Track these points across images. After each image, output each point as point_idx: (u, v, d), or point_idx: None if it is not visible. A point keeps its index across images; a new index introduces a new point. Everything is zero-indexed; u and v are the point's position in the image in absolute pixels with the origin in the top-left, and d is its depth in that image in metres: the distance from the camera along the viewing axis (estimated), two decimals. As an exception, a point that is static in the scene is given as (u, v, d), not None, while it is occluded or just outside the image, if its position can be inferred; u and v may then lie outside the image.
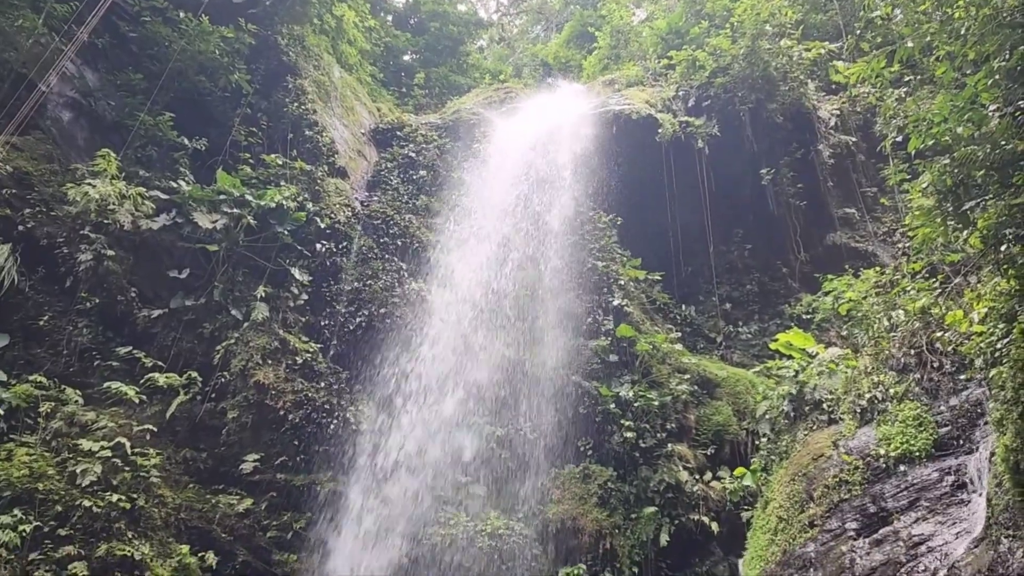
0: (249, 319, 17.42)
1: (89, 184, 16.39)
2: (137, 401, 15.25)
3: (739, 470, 18.47)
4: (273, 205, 18.72)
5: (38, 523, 12.26)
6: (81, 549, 12.51)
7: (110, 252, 16.35)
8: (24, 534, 11.99)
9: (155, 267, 17.46)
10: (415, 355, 19.55)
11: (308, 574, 16.03)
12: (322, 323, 19.13)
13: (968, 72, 10.92)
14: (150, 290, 17.26)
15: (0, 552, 11.62)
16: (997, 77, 9.80)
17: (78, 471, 13.03)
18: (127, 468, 13.79)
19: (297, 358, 17.74)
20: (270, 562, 15.79)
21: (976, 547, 11.33)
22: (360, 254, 20.50)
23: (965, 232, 10.77)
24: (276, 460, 16.65)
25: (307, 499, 16.65)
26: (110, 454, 13.56)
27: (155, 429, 15.08)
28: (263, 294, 17.91)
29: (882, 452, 14.10)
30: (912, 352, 14.99)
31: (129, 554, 12.91)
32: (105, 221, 16.45)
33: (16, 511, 12.16)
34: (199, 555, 14.64)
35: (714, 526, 18.20)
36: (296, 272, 18.73)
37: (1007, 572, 9.98)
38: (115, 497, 13.11)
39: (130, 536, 13.33)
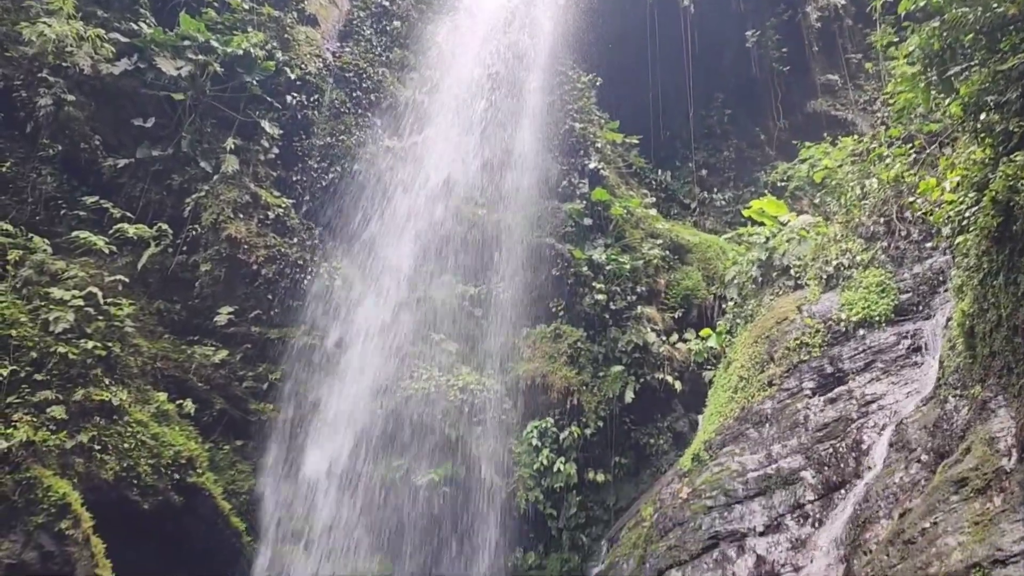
0: (219, 172, 17.07)
1: (44, 23, 15.52)
2: (107, 252, 15.08)
3: (705, 332, 19.01)
4: (240, 52, 17.94)
5: (14, 368, 12.33)
6: (58, 394, 12.66)
7: (70, 97, 15.71)
8: (0, 378, 12.10)
9: (118, 114, 16.84)
10: (388, 213, 19.45)
11: (283, 423, 16.52)
12: (294, 178, 18.82)
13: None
14: (114, 139, 16.73)
15: (-23, 395, 11.77)
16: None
17: (51, 319, 13.00)
18: (100, 317, 13.79)
19: (269, 213, 17.55)
20: (247, 411, 16.22)
21: (924, 405, 11.93)
22: (332, 108, 19.93)
23: (947, 100, 10.68)
24: (250, 313, 16.79)
25: (282, 352, 16.93)
26: (82, 303, 13.50)
27: (127, 280, 14.99)
28: (232, 146, 17.46)
29: (843, 316, 14.54)
30: (882, 220, 15.20)
31: (107, 399, 13.12)
32: (64, 64, 15.70)
33: (-9, 357, 12.23)
34: (177, 403, 14.96)
35: (677, 385, 18.92)
36: (266, 125, 18.22)
37: (951, 428, 10.55)
38: (90, 344, 13.17)
39: (107, 383, 13.49)
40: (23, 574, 11.28)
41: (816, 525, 12.39)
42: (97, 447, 12.83)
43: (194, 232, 16.69)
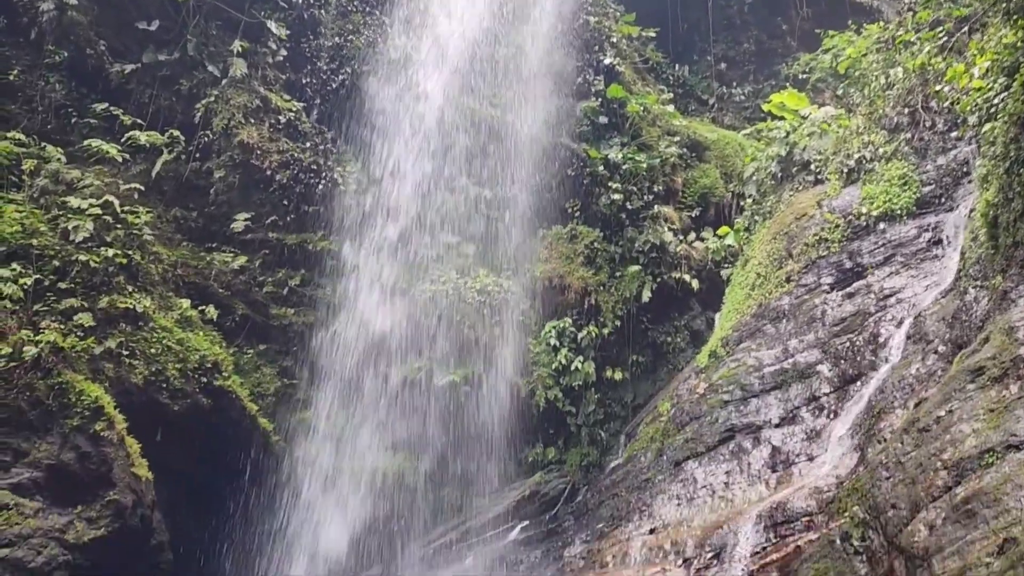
0: (227, 76, 16.78)
1: (39, -77, 15.04)
2: (120, 160, 15.03)
3: (723, 229, 18.85)
4: (242, -51, 17.34)
5: (38, 276, 12.51)
6: (83, 302, 12.87)
7: (72, 1, 15.36)
8: (25, 287, 12.26)
9: (121, 17, 16.48)
10: (401, 115, 19.15)
11: (304, 327, 16.76)
12: (303, 81, 18.48)
13: None
14: (119, 43, 16.43)
15: (5, 304, 11.96)
16: None
17: (70, 228, 13.08)
18: (119, 225, 13.86)
19: (280, 117, 17.32)
20: (268, 316, 16.46)
21: (943, 297, 11.90)
22: (339, 6, 19.34)
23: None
24: (267, 219, 16.80)
25: (300, 257, 17.03)
26: (100, 212, 13.54)
27: (142, 188, 14.99)
28: (239, 49, 17.09)
29: (864, 211, 14.37)
30: (906, 111, 14.81)
31: (131, 306, 13.33)
32: (62, -34, 15.28)
33: (15, 265, 12.34)
34: (199, 309, 15.19)
35: (695, 283, 18.91)
36: (272, 25, 17.75)
37: (970, 319, 10.54)
38: (110, 252, 13.28)
39: (130, 290, 13.68)
40: (62, 474, 11.77)
41: (831, 416, 12.59)
42: (125, 352, 13.12)
43: (206, 138, 16.56)
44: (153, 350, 13.55)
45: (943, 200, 13.97)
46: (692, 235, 19.74)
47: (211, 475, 14.23)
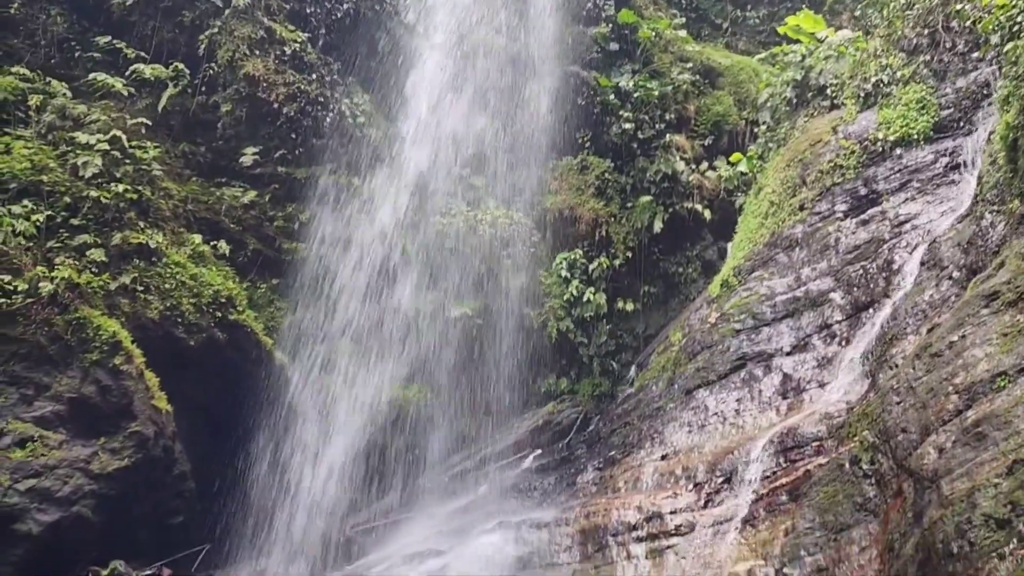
0: (230, 6, 16.44)
1: None
2: (126, 94, 14.89)
3: (735, 156, 18.58)
4: None
5: (50, 213, 12.54)
6: (96, 238, 12.93)
7: (70, -70, 15.06)
8: (38, 224, 12.31)
9: (121, -53, 16.10)
10: (406, 46, 18.81)
11: (316, 260, 16.76)
12: (307, 10, 18.03)
13: None
14: (120, -26, 16.09)
15: (19, 240, 12.01)
16: None
17: (79, 163, 13.03)
18: (127, 161, 13.80)
19: (285, 48, 17.00)
20: (280, 250, 16.46)
21: (959, 223, 11.77)
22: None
23: None
24: (275, 153, 16.65)
25: (309, 192, 16.93)
26: (108, 147, 13.47)
27: (149, 123, 14.85)
28: (242, -22, 16.70)
29: (880, 136, 14.13)
30: (925, 31, 14.42)
31: (144, 242, 13.37)
32: None
33: (26, 202, 12.37)
34: (211, 244, 15.22)
35: (707, 213, 18.79)
36: (274, -47, 17.31)
37: (986, 244, 10.45)
38: (120, 188, 13.27)
39: (142, 226, 13.71)
40: (85, 407, 12.01)
41: (843, 344, 12.63)
42: (140, 288, 13.23)
43: (211, 71, 16.32)
44: (167, 285, 13.65)
45: (962, 124, 13.69)
46: (704, 164, 19.52)
47: (230, 407, 14.46)
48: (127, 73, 15.15)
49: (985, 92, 13.44)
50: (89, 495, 11.67)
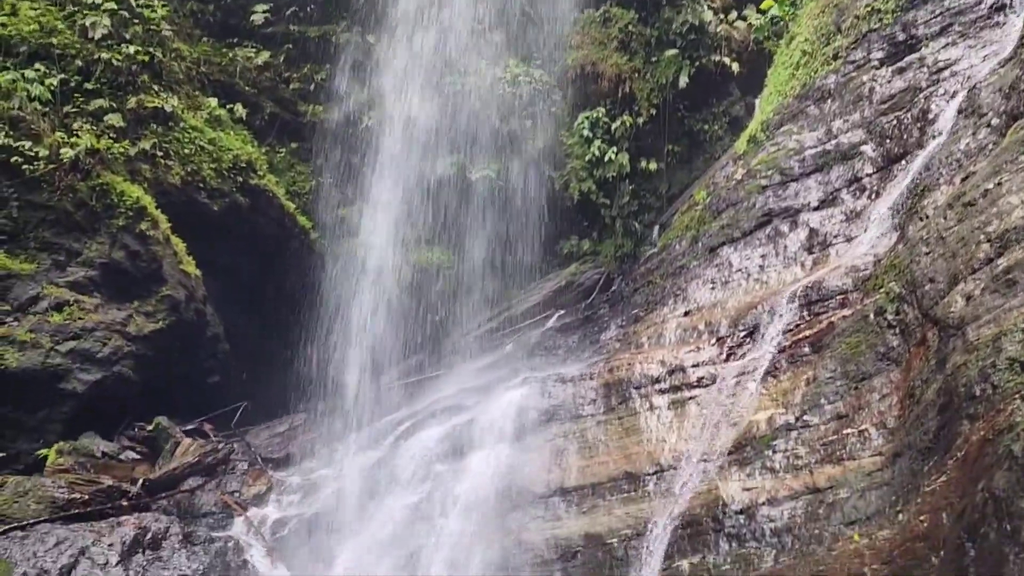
0: None
1: None
2: (129, -50, 14.28)
3: (767, 2, 17.66)
4: None
5: (63, 76, 12.35)
6: (112, 102, 12.78)
7: None
8: (52, 88, 12.15)
9: None
10: None
11: (333, 123, 16.49)
12: None
13: None
14: None
15: (35, 105, 11.89)
16: None
17: (87, 24, 12.71)
18: (136, 20, 13.44)
19: None
20: (297, 113, 16.25)
21: (1002, 67, 11.23)
22: None
23: None
24: (287, 11, 16.15)
25: (325, 51, 16.45)
26: (115, 6, 13.09)
27: (155, -19, 14.37)
28: None
29: (923, -25, 13.30)
30: None
31: (160, 106, 13.22)
32: None
33: (38, 65, 12.18)
34: (227, 107, 15.01)
35: (735, 67, 18.10)
36: None
37: (1030, 86, 9.98)
38: (131, 50, 12.99)
39: (156, 89, 13.52)
40: (116, 272, 12.23)
41: (873, 197, 12.37)
42: (160, 153, 13.18)
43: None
44: (187, 150, 13.58)
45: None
46: (734, 14, 18.63)
47: (257, 272, 14.68)
48: (127, -74, 14.47)
49: (1039, -76, 12.49)
50: (128, 355, 12.09)
